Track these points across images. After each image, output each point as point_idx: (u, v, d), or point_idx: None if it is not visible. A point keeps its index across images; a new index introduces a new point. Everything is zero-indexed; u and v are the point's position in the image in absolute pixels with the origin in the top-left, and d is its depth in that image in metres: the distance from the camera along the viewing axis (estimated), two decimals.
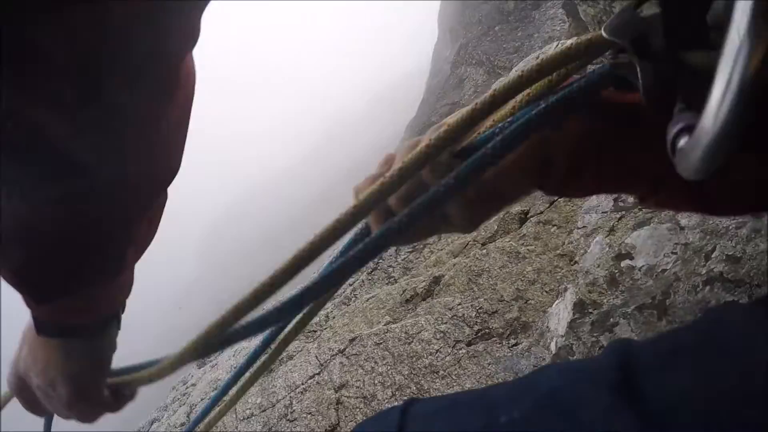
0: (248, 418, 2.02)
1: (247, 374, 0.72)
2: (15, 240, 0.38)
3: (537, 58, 0.43)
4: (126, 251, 0.47)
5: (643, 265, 1.26)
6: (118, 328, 0.58)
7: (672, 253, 1.16)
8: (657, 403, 0.37)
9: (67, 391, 0.54)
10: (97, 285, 0.48)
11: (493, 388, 0.49)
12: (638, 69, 0.35)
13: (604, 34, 0.37)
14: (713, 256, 0.98)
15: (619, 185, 0.50)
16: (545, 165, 0.45)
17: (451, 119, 0.42)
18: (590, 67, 0.42)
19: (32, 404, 0.60)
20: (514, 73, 0.45)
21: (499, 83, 0.44)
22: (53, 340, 0.52)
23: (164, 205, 0.49)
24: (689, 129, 0.30)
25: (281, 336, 0.65)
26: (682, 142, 0.30)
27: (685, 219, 1.16)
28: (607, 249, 1.47)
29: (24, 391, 0.59)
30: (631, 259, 1.34)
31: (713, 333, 0.40)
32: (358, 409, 1.87)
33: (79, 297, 0.48)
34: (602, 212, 1.77)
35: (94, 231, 0.41)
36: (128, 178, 0.40)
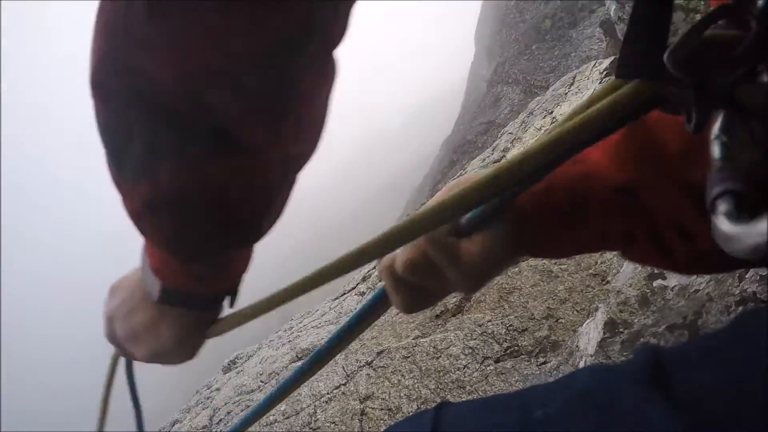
0: (271, 424, 2.04)
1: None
2: (168, 207, 0.42)
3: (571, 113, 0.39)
4: (262, 221, 0.49)
5: (675, 285, 1.24)
6: (230, 305, 0.60)
7: None
8: (685, 397, 0.39)
9: (154, 349, 0.57)
10: (239, 246, 0.50)
11: (527, 390, 0.50)
12: (694, 111, 0.31)
13: (668, 65, 0.30)
14: (747, 276, 0.97)
15: (593, 246, 0.54)
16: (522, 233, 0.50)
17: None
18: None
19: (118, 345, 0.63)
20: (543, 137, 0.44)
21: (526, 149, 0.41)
22: (172, 308, 0.54)
23: (292, 189, 0.51)
24: (731, 193, 0.31)
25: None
26: (723, 208, 0.31)
27: None
28: (640, 269, 1.45)
29: (111, 335, 0.62)
30: (664, 279, 1.32)
31: (740, 337, 0.41)
32: (382, 421, 1.88)
33: (217, 262, 0.51)
34: None
35: (242, 195, 0.44)
36: (285, 147, 0.44)
